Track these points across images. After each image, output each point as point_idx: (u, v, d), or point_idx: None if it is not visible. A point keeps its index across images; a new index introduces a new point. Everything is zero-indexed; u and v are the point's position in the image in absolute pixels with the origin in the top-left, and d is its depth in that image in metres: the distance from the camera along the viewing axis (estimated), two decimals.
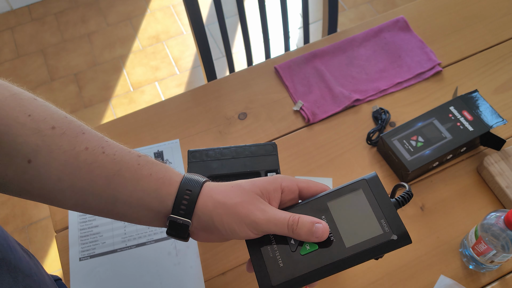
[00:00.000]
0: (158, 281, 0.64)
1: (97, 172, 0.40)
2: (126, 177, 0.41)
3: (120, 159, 0.41)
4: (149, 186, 0.41)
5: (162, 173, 0.42)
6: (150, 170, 0.42)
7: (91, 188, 0.40)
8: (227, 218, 0.41)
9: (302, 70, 0.84)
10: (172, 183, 0.42)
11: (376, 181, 0.44)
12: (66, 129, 0.40)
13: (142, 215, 0.43)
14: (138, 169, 0.41)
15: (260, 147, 0.66)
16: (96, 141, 0.41)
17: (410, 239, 0.41)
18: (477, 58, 0.85)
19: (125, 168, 0.41)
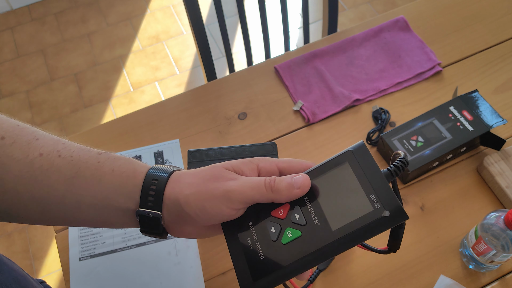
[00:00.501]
0: (158, 281, 0.64)
1: (55, 177, 0.37)
2: (87, 177, 0.38)
3: (77, 159, 0.38)
4: (112, 182, 0.38)
5: (125, 166, 0.39)
6: (111, 165, 0.38)
7: (51, 196, 0.37)
8: (194, 197, 0.37)
9: (302, 70, 0.84)
10: (137, 175, 0.39)
11: (363, 151, 0.38)
12: (16, 137, 0.37)
13: (112, 216, 0.39)
14: (98, 167, 0.38)
15: (260, 147, 0.66)
16: (51, 145, 0.38)
17: (406, 214, 0.35)
18: (477, 58, 0.85)
19: (84, 168, 0.38)
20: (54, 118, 1.79)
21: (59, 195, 0.37)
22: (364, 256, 0.65)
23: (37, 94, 1.86)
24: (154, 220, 0.38)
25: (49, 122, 1.78)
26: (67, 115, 1.80)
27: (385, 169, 0.38)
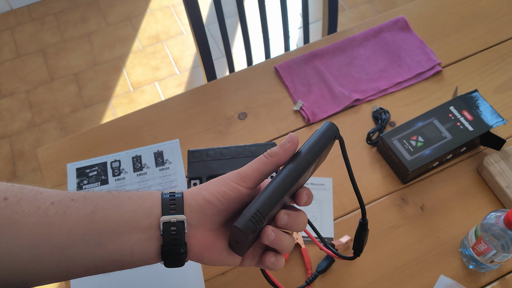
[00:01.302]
0: (158, 281, 0.64)
1: (73, 217, 0.37)
2: (107, 208, 0.38)
3: (92, 197, 0.38)
4: (132, 206, 0.39)
5: (139, 192, 0.40)
6: (126, 194, 0.40)
7: (71, 237, 0.37)
8: (214, 186, 0.40)
9: (302, 70, 0.84)
10: (153, 193, 0.41)
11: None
12: (21, 195, 0.36)
13: (134, 243, 0.39)
14: (115, 198, 0.39)
15: (260, 147, 0.66)
16: (60, 194, 0.38)
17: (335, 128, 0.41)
18: (477, 58, 0.85)
19: (102, 202, 0.38)
20: (54, 118, 1.79)
21: (80, 234, 0.37)
22: (364, 256, 0.65)
23: (37, 94, 1.86)
24: (179, 226, 0.39)
25: (49, 122, 1.78)
26: (67, 115, 1.80)
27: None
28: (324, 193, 0.71)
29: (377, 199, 0.70)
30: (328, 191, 0.71)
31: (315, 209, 0.70)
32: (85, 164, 0.75)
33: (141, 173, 0.74)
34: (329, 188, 0.72)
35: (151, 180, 0.73)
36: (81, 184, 0.73)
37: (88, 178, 0.74)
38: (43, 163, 0.76)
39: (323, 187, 0.72)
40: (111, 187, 0.72)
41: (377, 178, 0.72)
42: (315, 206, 0.70)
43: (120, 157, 0.76)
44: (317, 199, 0.71)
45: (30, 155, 1.70)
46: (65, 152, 0.77)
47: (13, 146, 1.73)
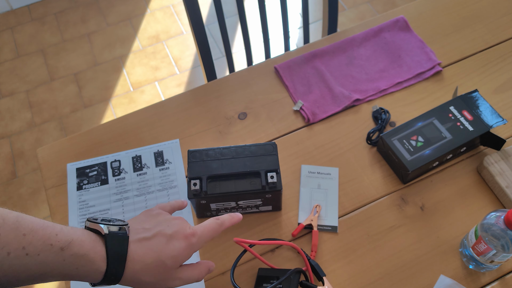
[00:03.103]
0: None
1: (24, 276, 0.41)
2: (54, 275, 0.43)
3: (44, 260, 0.42)
4: (77, 276, 0.45)
5: (88, 267, 0.45)
6: (76, 265, 0.44)
7: (17, 284, 0.42)
8: (147, 286, 0.49)
9: (302, 70, 0.84)
10: (99, 274, 0.45)
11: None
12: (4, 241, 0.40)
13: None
14: (64, 267, 0.43)
15: (260, 147, 0.66)
16: (15, 242, 0.41)
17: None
18: (477, 58, 0.85)
19: (51, 269, 0.43)
20: (54, 118, 1.79)
21: (25, 283, 0.42)
22: (364, 256, 0.65)
23: (37, 94, 1.86)
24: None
25: (49, 122, 1.78)
26: (67, 115, 1.80)
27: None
28: (330, 182, 0.72)
29: (377, 199, 0.70)
30: (334, 181, 0.72)
31: (321, 198, 0.70)
32: (85, 164, 0.75)
33: (141, 173, 0.74)
34: (335, 177, 0.72)
35: (151, 180, 0.73)
36: (81, 184, 0.73)
37: (88, 178, 0.74)
38: (43, 163, 0.76)
39: (329, 177, 0.72)
40: (111, 187, 0.72)
41: (377, 178, 0.72)
42: (321, 195, 0.71)
43: (120, 157, 0.76)
44: (323, 188, 0.71)
45: (30, 155, 1.70)
46: (65, 152, 0.77)
47: (13, 146, 1.73)
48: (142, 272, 0.47)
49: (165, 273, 0.48)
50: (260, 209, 0.68)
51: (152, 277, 0.48)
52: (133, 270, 0.47)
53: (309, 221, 0.68)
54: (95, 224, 0.47)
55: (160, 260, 0.48)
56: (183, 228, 0.50)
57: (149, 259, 0.47)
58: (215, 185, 0.63)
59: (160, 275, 0.48)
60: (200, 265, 0.53)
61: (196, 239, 0.50)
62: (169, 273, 0.49)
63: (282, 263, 0.65)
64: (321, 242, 0.67)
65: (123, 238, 0.47)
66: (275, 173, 0.63)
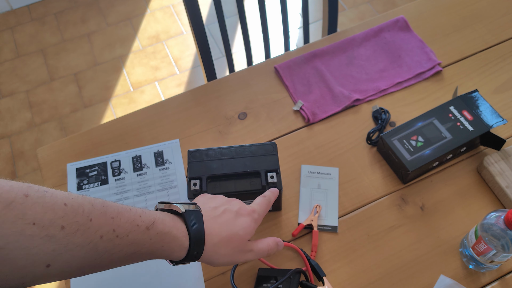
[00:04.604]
0: (158, 281, 0.64)
1: (117, 256, 0.44)
2: (143, 253, 0.46)
3: (133, 240, 0.44)
4: (162, 254, 0.47)
5: (173, 243, 0.47)
6: (161, 242, 0.46)
7: (110, 266, 0.45)
8: (224, 262, 0.52)
9: (302, 70, 0.84)
10: (182, 251, 0.48)
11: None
12: (74, 224, 0.40)
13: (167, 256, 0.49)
14: (151, 245, 0.46)
15: (260, 147, 0.66)
16: (106, 225, 0.43)
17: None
18: (477, 58, 0.85)
19: (141, 247, 0.45)
20: (54, 118, 1.79)
21: (117, 264, 0.45)
22: (364, 256, 0.65)
23: (37, 94, 1.86)
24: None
25: (49, 122, 1.78)
26: (67, 115, 1.80)
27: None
28: (330, 182, 0.72)
29: (377, 199, 0.70)
30: (334, 181, 0.72)
31: (321, 198, 0.70)
32: (85, 164, 0.75)
33: (141, 173, 0.74)
34: (335, 177, 0.72)
35: (151, 180, 0.73)
36: (81, 184, 0.73)
37: (88, 178, 0.74)
38: (43, 163, 0.76)
39: (329, 177, 0.72)
40: (111, 187, 0.72)
41: (377, 178, 0.72)
42: (321, 195, 0.71)
43: (120, 157, 0.76)
44: (323, 188, 0.71)
45: (30, 155, 1.70)
46: (65, 152, 0.77)
47: (13, 146, 1.73)
48: (220, 244, 0.50)
49: (239, 244, 0.52)
50: None
51: (228, 248, 0.51)
52: (212, 243, 0.49)
53: (309, 221, 0.68)
54: (171, 204, 0.50)
55: (234, 232, 0.51)
56: (243, 206, 0.55)
57: (224, 232, 0.50)
58: (215, 185, 0.63)
59: (236, 247, 0.51)
60: (268, 239, 0.56)
61: (257, 215, 0.55)
62: (243, 245, 0.52)
63: (282, 263, 0.65)
64: (321, 242, 0.67)
65: (199, 214, 0.50)
66: (275, 173, 0.63)
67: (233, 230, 0.51)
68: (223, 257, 0.51)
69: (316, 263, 0.62)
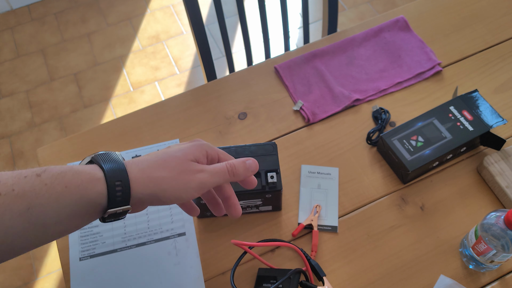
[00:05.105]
0: (158, 281, 0.64)
1: (8, 216, 0.35)
2: (43, 204, 0.37)
3: (22, 191, 0.36)
4: (72, 198, 0.38)
5: (77, 178, 0.39)
6: (62, 183, 0.38)
7: (11, 235, 0.36)
8: (173, 190, 0.42)
9: (302, 70, 0.84)
10: (96, 184, 0.39)
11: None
12: None
13: (80, 223, 0.40)
14: (49, 190, 0.37)
15: (260, 147, 0.66)
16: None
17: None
18: (477, 58, 0.85)
19: (35, 197, 0.36)
20: (54, 118, 1.79)
21: (19, 231, 0.36)
22: (364, 256, 0.65)
23: (37, 94, 1.86)
24: (123, 212, 0.42)
25: (49, 122, 1.78)
26: (67, 115, 1.80)
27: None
28: (330, 182, 0.72)
29: (377, 199, 0.70)
30: (334, 181, 0.72)
31: (321, 198, 0.70)
32: None
33: None
34: (335, 177, 0.72)
35: None
36: None
37: None
38: (43, 163, 0.76)
39: (329, 177, 0.72)
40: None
41: (377, 178, 0.72)
42: (321, 195, 0.71)
43: None
44: (323, 188, 0.71)
45: (30, 155, 1.70)
46: (65, 152, 0.77)
47: (13, 146, 1.73)
48: (150, 169, 0.42)
49: (180, 164, 0.43)
50: (260, 209, 0.68)
51: (166, 171, 0.42)
52: (138, 169, 0.41)
53: (309, 221, 0.68)
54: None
55: (166, 153, 0.43)
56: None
57: (153, 158, 0.43)
58: None
59: (175, 167, 0.42)
60: (230, 157, 0.48)
61: (204, 142, 0.47)
62: (185, 164, 0.43)
63: (282, 263, 0.65)
64: (321, 242, 0.67)
65: (114, 154, 0.42)
66: (275, 173, 0.63)
67: (165, 152, 0.43)
68: (164, 182, 0.41)
69: (316, 263, 0.62)
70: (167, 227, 0.68)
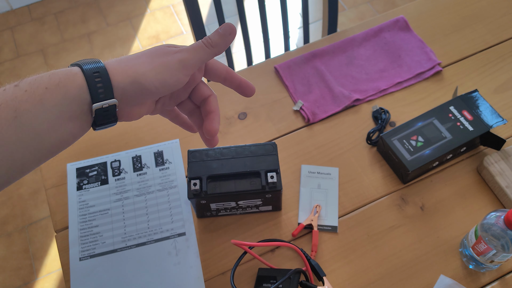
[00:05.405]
0: (158, 281, 0.64)
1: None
2: (29, 109, 0.36)
3: (5, 101, 0.36)
4: (55, 97, 0.37)
5: (55, 78, 0.38)
6: (41, 85, 0.37)
7: (5, 145, 0.36)
8: (154, 72, 0.40)
9: (302, 70, 0.84)
10: (74, 78, 0.38)
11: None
12: None
13: (73, 128, 0.40)
14: (31, 95, 0.36)
15: (260, 147, 0.66)
16: None
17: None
18: (477, 58, 0.85)
19: (19, 103, 0.36)
20: None
21: (14, 141, 0.36)
22: (364, 255, 0.65)
23: None
24: (111, 109, 0.40)
25: None
26: None
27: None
28: (330, 182, 0.72)
29: (377, 199, 0.70)
30: (334, 181, 0.72)
31: (321, 198, 0.70)
32: (85, 164, 0.75)
33: (141, 173, 0.74)
34: (335, 177, 0.72)
35: (151, 180, 0.73)
36: (81, 184, 0.73)
37: (88, 178, 0.74)
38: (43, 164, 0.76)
39: (329, 177, 0.72)
40: (111, 187, 0.72)
41: (377, 178, 0.72)
42: (321, 195, 0.71)
43: (120, 157, 0.76)
44: (323, 188, 0.71)
45: None
46: (65, 152, 0.77)
47: None
48: (128, 59, 0.41)
49: (155, 50, 0.42)
50: (260, 209, 0.68)
51: (144, 57, 0.41)
52: (115, 61, 0.40)
53: (309, 221, 0.68)
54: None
55: (145, 51, 0.42)
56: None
57: (130, 55, 0.42)
58: (215, 185, 0.63)
59: (154, 52, 0.42)
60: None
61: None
62: (160, 49, 0.42)
63: (282, 263, 0.65)
64: (321, 242, 0.67)
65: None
66: (275, 173, 0.63)
67: (147, 49, 0.42)
68: (142, 66, 0.40)
69: (316, 263, 0.62)
70: (167, 227, 0.68)
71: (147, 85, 0.40)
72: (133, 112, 0.43)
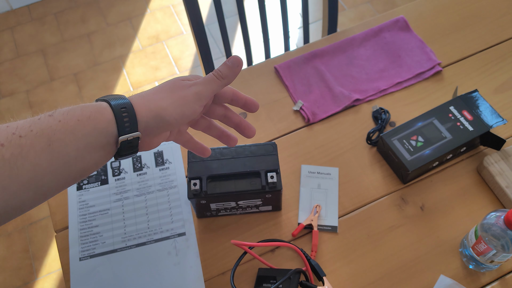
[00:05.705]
0: (158, 281, 0.64)
1: (32, 154, 0.37)
2: (61, 138, 0.39)
3: (40, 130, 0.38)
4: (85, 129, 0.41)
5: (86, 111, 0.41)
6: (73, 117, 0.40)
7: (38, 171, 0.38)
8: (174, 106, 0.44)
9: (302, 70, 0.84)
10: (103, 112, 0.42)
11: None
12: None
13: (98, 158, 0.43)
14: (64, 125, 0.39)
15: (260, 147, 0.66)
16: (4, 132, 0.38)
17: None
18: (477, 58, 0.85)
19: (53, 132, 0.39)
20: None
21: (45, 167, 0.39)
22: (364, 255, 0.65)
23: (37, 94, 1.86)
24: (134, 140, 0.44)
25: None
26: None
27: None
28: (330, 182, 0.72)
29: (377, 199, 0.70)
30: (334, 181, 0.72)
31: (321, 198, 0.70)
32: None
33: (141, 173, 0.74)
34: (335, 177, 0.72)
35: (151, 180, 0.73)
36: (81, 184, 0.73)
37: (88, 178, 0.74)
38: None
39: (329, 177, 0.72)
40: (111, 187, 0.72)
41: (377, 178, 0.72)
42: (321, 195, 0.71)
43: None
44: (323, 188, 0.71)
45: None
46: None
47: None
48: (149, 94, 0.45)
49: (172, 84, 0.46)
50: (260, 209, 0.68)
51: (162, 92, 0.45)
52: (138, 96, 0.44)
53: (309, 221, 0.68)
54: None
55: (160, 84, 0.47)
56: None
57: (152, 89, 0.46)
58: (215, 185, 0.63)
59: (169, 88, 0.46)
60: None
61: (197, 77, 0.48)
62: (177, 83, 0.46)
63: (282, 263, 0.65)
64: (321, 242, 0.67)
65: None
66: (275, 173, 0.63)
67: (160, 84, 0.47)
68: (163, 101, 0.44)
69: (316, 263, 0.62)
70: (167, 227, 0.68)
71: (168, 118, 0.44)
72: (153, 142, 0.47)
